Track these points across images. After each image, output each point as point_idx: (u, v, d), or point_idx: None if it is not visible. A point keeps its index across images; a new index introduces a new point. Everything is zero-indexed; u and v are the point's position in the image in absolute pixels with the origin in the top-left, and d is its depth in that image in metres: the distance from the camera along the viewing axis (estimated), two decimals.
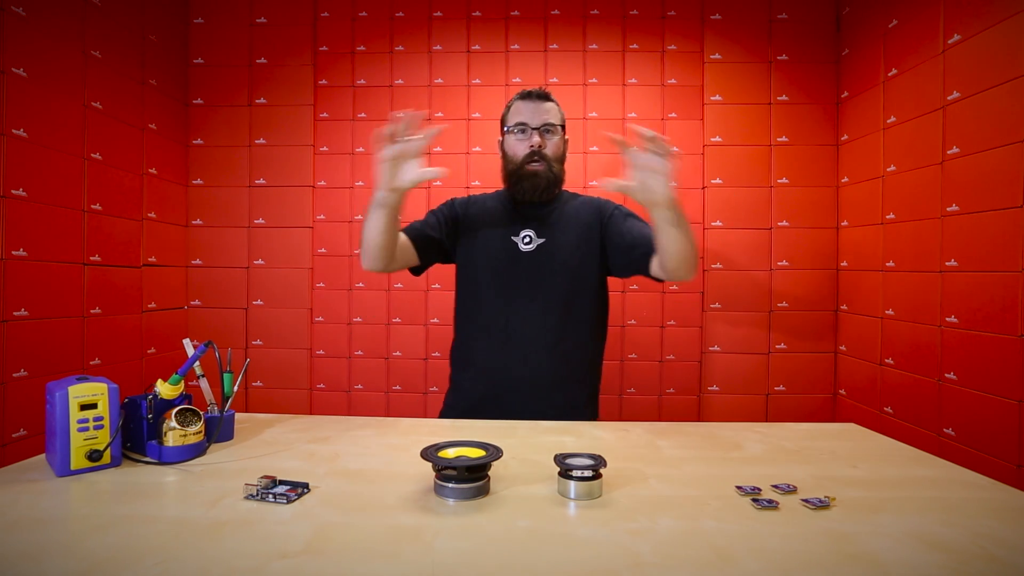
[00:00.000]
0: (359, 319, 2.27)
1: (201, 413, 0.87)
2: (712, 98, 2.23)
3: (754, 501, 0.70)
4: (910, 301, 1.77)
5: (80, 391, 0.77)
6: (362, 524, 0.63)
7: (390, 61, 2.28)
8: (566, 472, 0.71)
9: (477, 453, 0.73)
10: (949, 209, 1.61)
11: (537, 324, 1.21)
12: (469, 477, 0.70)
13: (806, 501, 0.70)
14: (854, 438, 1.00)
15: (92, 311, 1.75)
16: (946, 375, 1.61)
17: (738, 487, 0.74)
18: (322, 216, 2.27)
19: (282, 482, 0.73)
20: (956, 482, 0.78)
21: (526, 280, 1.22)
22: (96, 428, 0.78)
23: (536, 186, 1.22)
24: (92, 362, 1.74)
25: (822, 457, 0.88)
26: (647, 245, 1.15)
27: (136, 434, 0.85)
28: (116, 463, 0.80)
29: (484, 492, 0.71)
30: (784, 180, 2.20)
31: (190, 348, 0.91)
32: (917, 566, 0.55)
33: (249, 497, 0.69)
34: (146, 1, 2.03)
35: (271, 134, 2.26)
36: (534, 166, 1.21)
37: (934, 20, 1.68)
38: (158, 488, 0.74)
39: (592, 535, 0.61)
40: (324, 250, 2.27)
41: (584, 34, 2.26)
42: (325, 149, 2.27)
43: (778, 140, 2.21)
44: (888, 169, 1.89)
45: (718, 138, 2.22)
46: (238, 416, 1.07)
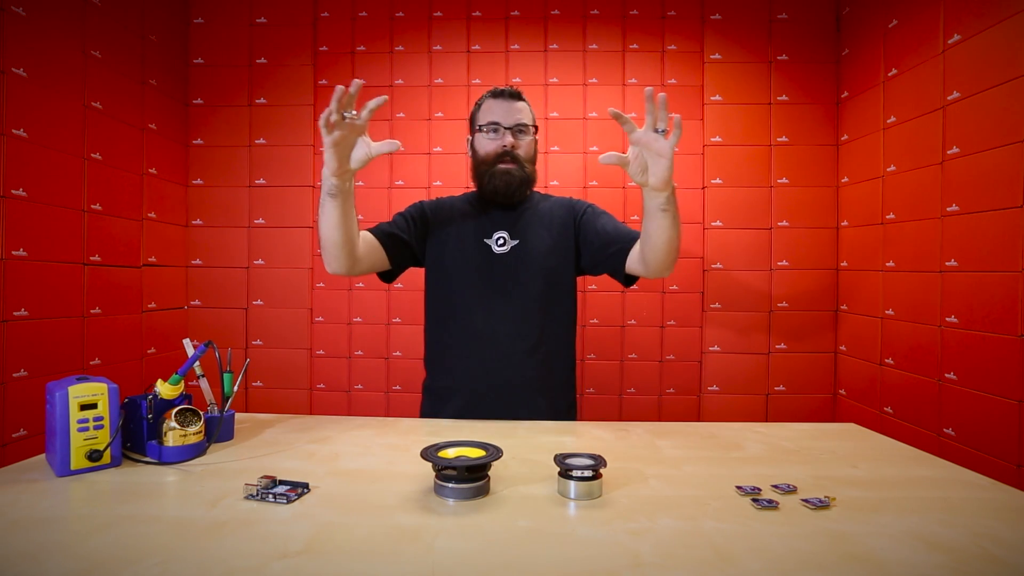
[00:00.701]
0: (359, 319, 2.27)
1: (201, 413, 0.87)
2: (712, 98, 2.23)
3: (754, 501, 0.70)
4: (910, 301, 1.77)
5: (80, 391, 0.77)
6: (362, 524, 0.63)
7: (390, 61, 2.28)
8: (566, 472, 0.71)
9: (477, 453, 0.73)
10: (949, 209, 1.61)
11: (516, 328, 1.18)
12: (469, 477, 0.70)
13: (806, 501, 0.70)
14: (854, 438, 1.00)
15: (92, 311, 1.75)
16: (946, 375, 1.61)
17: (738, 487, 0.74)
18: None
19: (282, 482, 0.73)
20: (956, 482, 0.78)
21: (502, 283, 1.19)
22: (96, 428, 0.78)
23: (509, 185, 1.18)
24: (92, 362, 1.74)
25: (822, 457, 0.88)
26: (623, 242, 1.14)
27: (136, 434, 0.85)
28: (116, 463, 0.80)
29: (484, 492, 0.71)
30: (784, 180, 2.20)
31: (190, 348, 0.91)
32: (917, 566, 0.55)
33: (249, 497, 0.69)
34: (146, 1, 2.03)
35: (271, 134, 2.26)
36: (506, 166, 1.18)
37: (934, 20, 1.68)
38: (158, 488, 0.74)
39: (592, 535, 0.61)
40: None
41: (584, 34, 2.26)
42: None
43: (778, 140, 2.21)
44: (888, 169, 1.89)
45: (718, 138, 2.22)
46: (238, 416, 1.07)
